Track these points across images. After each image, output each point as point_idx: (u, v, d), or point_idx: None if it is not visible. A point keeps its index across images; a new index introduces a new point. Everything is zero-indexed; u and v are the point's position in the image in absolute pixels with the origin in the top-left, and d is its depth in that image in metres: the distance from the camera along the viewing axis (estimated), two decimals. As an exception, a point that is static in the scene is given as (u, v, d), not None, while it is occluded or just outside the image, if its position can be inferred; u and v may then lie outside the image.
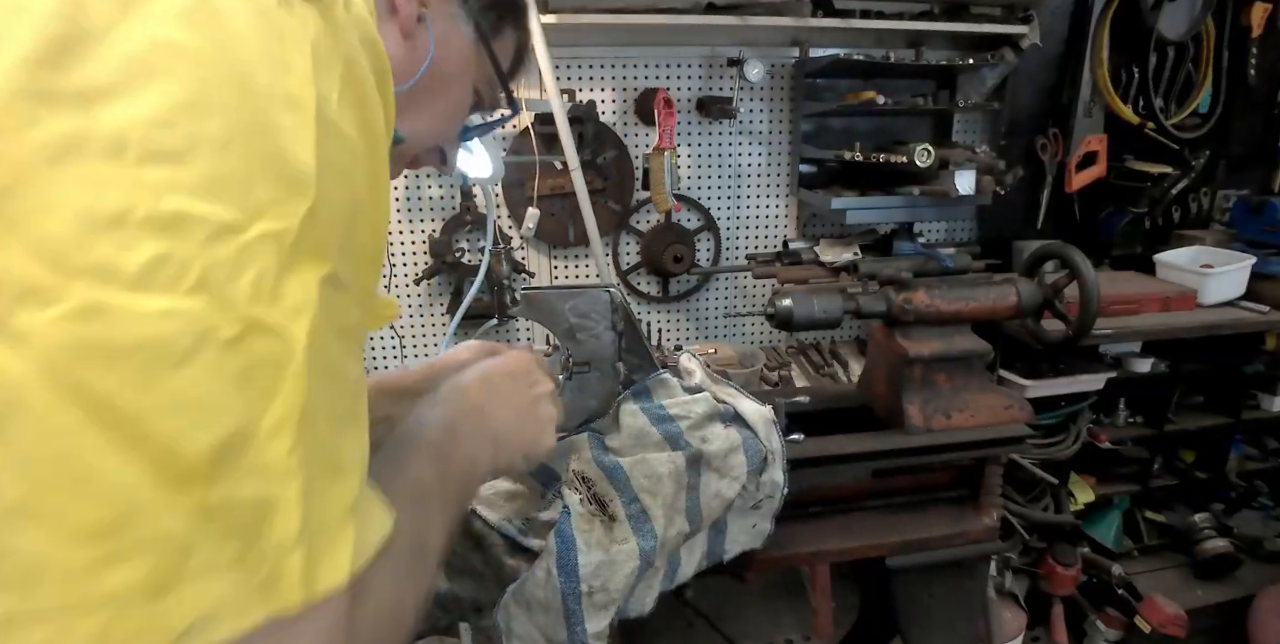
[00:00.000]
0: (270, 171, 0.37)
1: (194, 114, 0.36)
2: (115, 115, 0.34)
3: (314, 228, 0.39)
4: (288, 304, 0.37)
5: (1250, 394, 2.41)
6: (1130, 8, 2.26)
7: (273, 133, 0.38)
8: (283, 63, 0.40)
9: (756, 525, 1.03)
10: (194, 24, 0.38)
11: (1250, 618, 2.25)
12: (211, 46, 0.38)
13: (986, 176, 1.94)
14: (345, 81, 0.43)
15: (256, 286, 0.35)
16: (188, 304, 0.33)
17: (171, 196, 0.34)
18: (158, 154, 0.34)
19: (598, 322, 0.99)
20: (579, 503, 0.89)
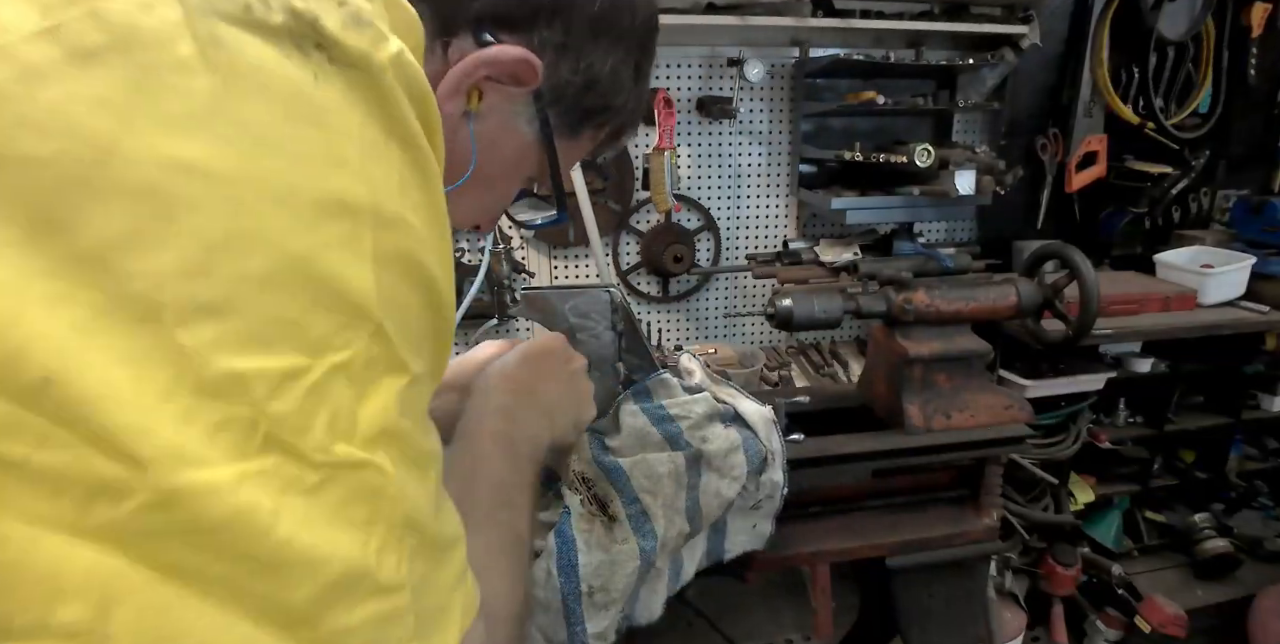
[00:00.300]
0: (326, 301, 0.33)
1: (232, 253, 0.30)
2: (139, 271, 0.29)
3: (384, 344, 0.36)
4: (368, 433, 0.35)
5: (1250, 394, 2.41)
6: (1130, 8, 2.26)
7: (325, 254, 0.33)
8: (330, 156, 0.34)
9: (757, 526, 1.03)
10: (213, 129, 0.31)
11: (1250, 618, 2.25)
12: (239, 157, 0.31)
13: (986, 176, 1.94)
14: (406, 159, 0.38)
15: (331, 426, 0.33)
16: (261, 465, 0.31)
17: (220, 357, 0.30)
18: (197, 310, 0.30)
19: (598, 321, 0.99)
20: (579, 503, 0.89)
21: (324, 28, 0.34)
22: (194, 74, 0.30)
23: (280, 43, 0.33)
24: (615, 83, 0.62)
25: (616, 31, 0.60)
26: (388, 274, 0.36)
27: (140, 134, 0.29)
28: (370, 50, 0.36)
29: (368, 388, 0.35)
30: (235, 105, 0.31)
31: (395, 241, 0.36)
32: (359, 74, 0.35)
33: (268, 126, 0.32)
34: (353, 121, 0.35)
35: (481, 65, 0.53)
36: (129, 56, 0.29)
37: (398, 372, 0.37)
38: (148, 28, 0.30)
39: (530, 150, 0.61)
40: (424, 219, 0.38)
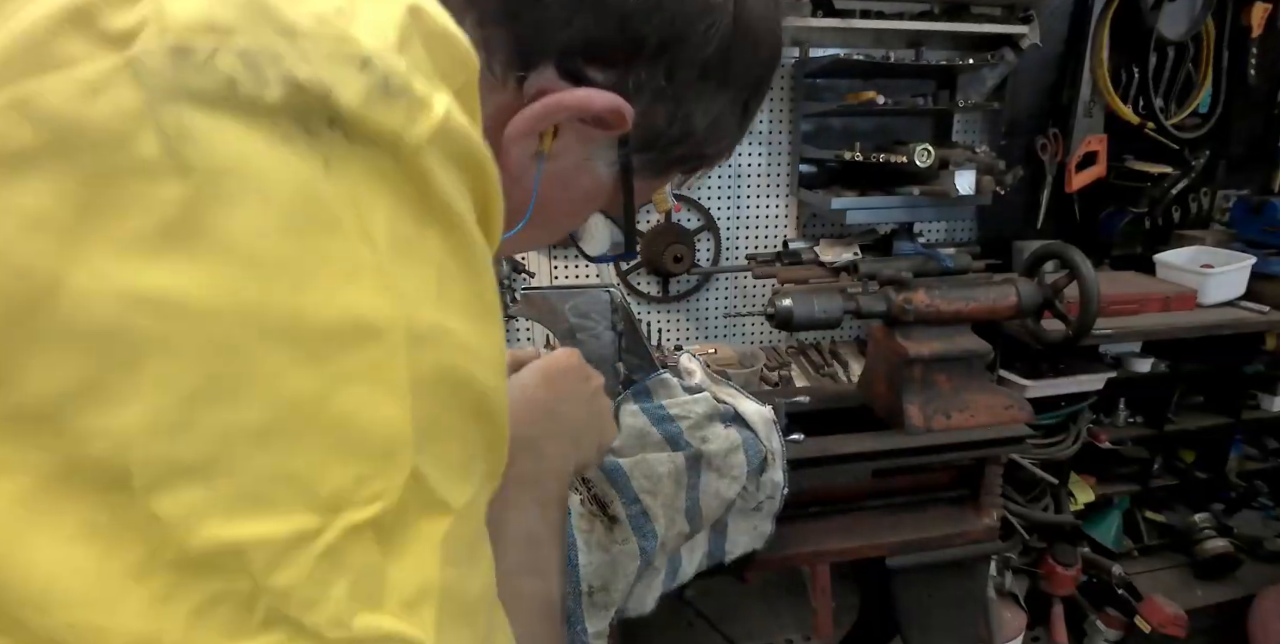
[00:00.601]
0: (344, 447, 0.27)
1: (216, 402, 0.24)
2: (99, 430, 0.23)
3: (422, 488, 0.29)
4: (404, 596, 0.28)
5: (1250, 394, 2.41)
6: (1130, 8, 2.26)
7: (340, 391, 0.26)
8: (344, 269, 0.26)
9: (757, 527, 1.03)
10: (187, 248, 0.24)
11: (1250, 618, 2.25)
12: (222, 284, 0.24)
13: (986, 176, 1.95)
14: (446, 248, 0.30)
15: (353, 595, 0.27)
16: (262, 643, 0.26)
17: (206, 525, 0.24)
18: (172, 472, 0.24)
19: (598, 321, 0.99)
20: (579, 504, 0.89)
21: (339, 104, 0.26)
22: (158, 180, 0.24)
23: (276, 125, 0.25)
24: (716, 130, 0.52)
25: (730, 74, 0.49)
26: (426, 401, 0.29)
27: (91, 262, 0.23)
28: (404, 126, 0.27)
29: (401, 542, 0.29)
30: (214, 217, 0.24)
31: (435, 358, 0.29)
32: (388, 155, 0.27)
33: (259, 240, 0.25)
34: (376, 217, 0.27)
35: (562, 109, 0.44)
36: (72, 160, 0.23)
37: (438, 513, 0.30)
38: (96, 120, 0.23)
39: (604, 190, 0.52)
40: (468, 318, 0.31)
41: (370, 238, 0.27)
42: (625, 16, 0.43)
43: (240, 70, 0.24)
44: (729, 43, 0.47)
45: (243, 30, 0.25)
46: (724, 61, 0.48)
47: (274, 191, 0.25)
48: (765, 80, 0.54)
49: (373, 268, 0.27)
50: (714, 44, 0.46)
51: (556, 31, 0.43)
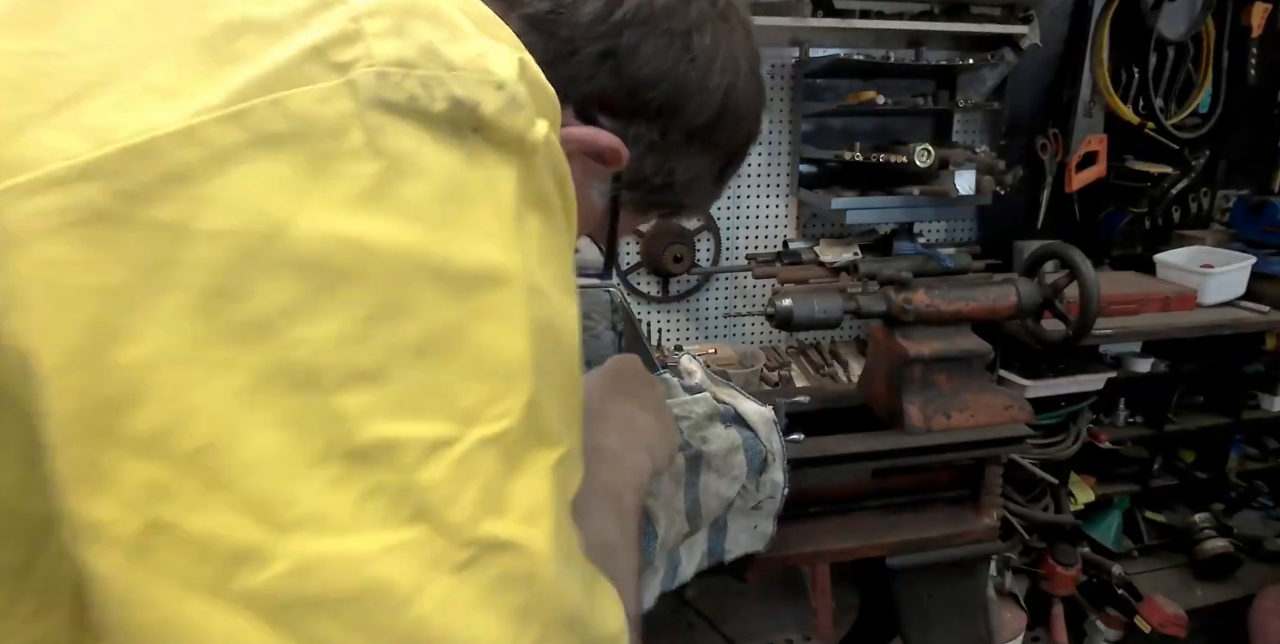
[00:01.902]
0: (480, 370, 0.33)
1: (388, 322, 0.32)
2: (302, 339, 0.30)
3: (537, 417, 0.35)
4: (521, 510, 0.33)
5: (1250, 394, 2.41)
6: (1130, 8, 2.26)
7: (477, 323, 0.34)
8: (481, 232, 0.35)
9: (758, 527, 1.03)
10: (377, 207, 0.32)
11: (1250, 618, 2.25)
12: (399, 234, 0.32)
13: (986, 176, 1.95)
14: (542, 234, 0.38)
15: (482, 501, 0.32)
16: (407, 536, 0.31)
17: (373, 423, 0.31)
18: (352, 376, 0.31)
19: (598, 321, 0.99)
20: (579, 503, 0.89)
21: (483, 113, 0.35)
22: (362, 160, 0.32)
23: (439, 128, 0.34)
24: (693, 185, 0.63)
25: (712, 142, 0.61)
26: (540, 344, 0.35)
27: (311, 212, 0.31)
28: (524, 132, 0.37)
29: (520, 463, 0.34)
30: (396, 187, 0.33)
31: (543, 312, 0.36)
32: (512, 152, 0.37)
33: (424, 205, 0.33)
34: (503, 196, 0.36)
35: (572, 141, 0.53)
36: (307, 144, 0.31)
37: (551, 445, 0.36)
38: (324, 118, 0.32)
39: (594, 216, 0.62)
40: (560, 291, 0.39)
41: (499, 212, 0.35)
42: (636, 83, 0.54)
43: (419, 90, 0.34)
44: (716, 117, 0.59)
45: (422, 65, 0.34)
46: (709, 131, 0.59)
47: (436, 173, 0.34)
48: (743, 152, 0.66)
49: (501, 232, 0.35)
50: (704, 116, 0.58)
51: (580, 84, 0.54)
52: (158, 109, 0.31)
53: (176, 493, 0.29)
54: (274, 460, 0.29)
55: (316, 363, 0.30)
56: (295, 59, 0.32)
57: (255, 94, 0.31)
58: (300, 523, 0.29)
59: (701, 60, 0.56)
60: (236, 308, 0.30)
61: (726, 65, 0.58)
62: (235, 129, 0.31)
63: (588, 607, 0.37)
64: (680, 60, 0.55)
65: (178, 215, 0.29)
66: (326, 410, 0.30)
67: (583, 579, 0.38)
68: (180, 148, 0.30)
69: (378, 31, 0.34)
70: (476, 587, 0.32)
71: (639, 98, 0.55)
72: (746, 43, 0.60)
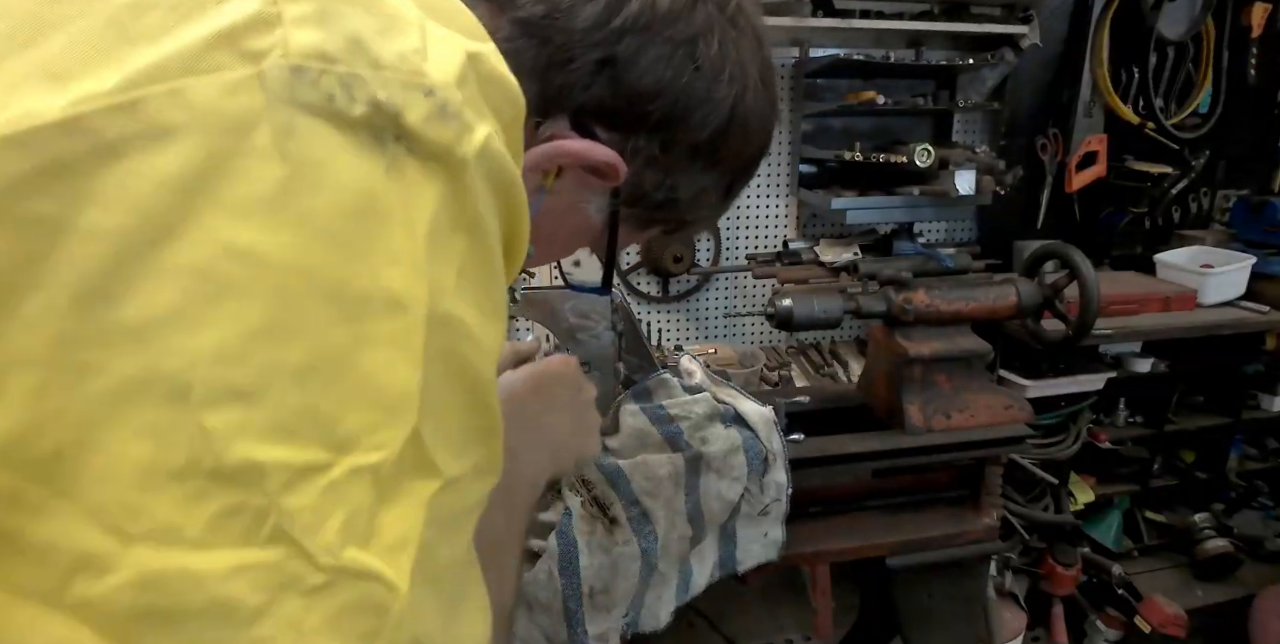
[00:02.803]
0: (362, 398, 0.32)
1: (271, 341, 0.30)
2: (177, 349, 0.28)
3: (419, 448, 0.34)
4: (386, 542, 0.32)
5: (1250, 394, 2.41)
6: (1130, 8, 2.26)
7: (367, 350, 0.32)
8: (387, 254, 0.32)
9: (768, 534, 1.03)
10: (276, 217, 0.30)
11: (1250, 618, 2.25)
12: (296, 248, 0.30)
13: (986, 176, 1.95)
14: (467, 256, 0.36)
15: (346, 529, 0.31)
16: (262, 557, 0.29)
17: (241, 443, 0.29)
18: (225, 393, 0.29)
19: (598, 322, 0.99)
20: (580, 505, 0.89)
21: (405, 121, 0.33)
22: (266, 162, 0.30)
23: (357, 134, 0.32)
24: (697, 202, 0.60)
25: (717, 157, 0.57)
26: (433, 374, 0.34)
27: (203, 216, 0.29)
28: (453, 144, 0.34)
29: (393, 493, 0.33)
30: (300, 197, 0.30)
31: (445, 342, 0.34)
32: (439, 166, 0.34)
33: (328, 219, 0.31)
34: (420, 215, 0.33)
35: (565, 155, 0.52)
36: (205, 139, 0.29)
37: (428, 476, 0.35)
38: (228, 112, 0.29)
39: (592, 232, 0.60)
40: (478, 315, 0.36)
41: (413, 232, 0.33)
42: (635, 94, 0.51)
43: (337, 90, 0.31)
44: (723, 131, 0.55)
45: (344, 60, 0.32)
46: (714, 146, 0.56)
47: (347, 184, 0.31)
48: (753, 166, 0.63)
49: (410, 256, 0.33)
50: (708, 130, 0.55)
51: (576, 93, 0.51)
52: (42, 93, 0.28)
53: (21, 500, 0.27)
54: (130, 470, 0.28)
55: (189, 376, 0.28)
56: (203, 43, 0.30)
57: (153, 80, 0.29)
58: (149, 535, 0.28)
59: (707, 69, 0.53)
60: (110, 311, 0.28)
61: (735, 75, 0.54)
62: (126, 119, 0.28)
63: (443, 631, 0.36)
64: (684, 70, 0.52)
65: (55, 210, 0.27)
66: (192, 426, 0.28)
67: (447, 602, 0.37)
68: (63, 138, 0.28)
69: (298, 17, 0.31)
70: (325, 611, 0.31)
71: (639, 109, 0.52)
72: (758, 51, 0.57)
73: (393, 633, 0.33)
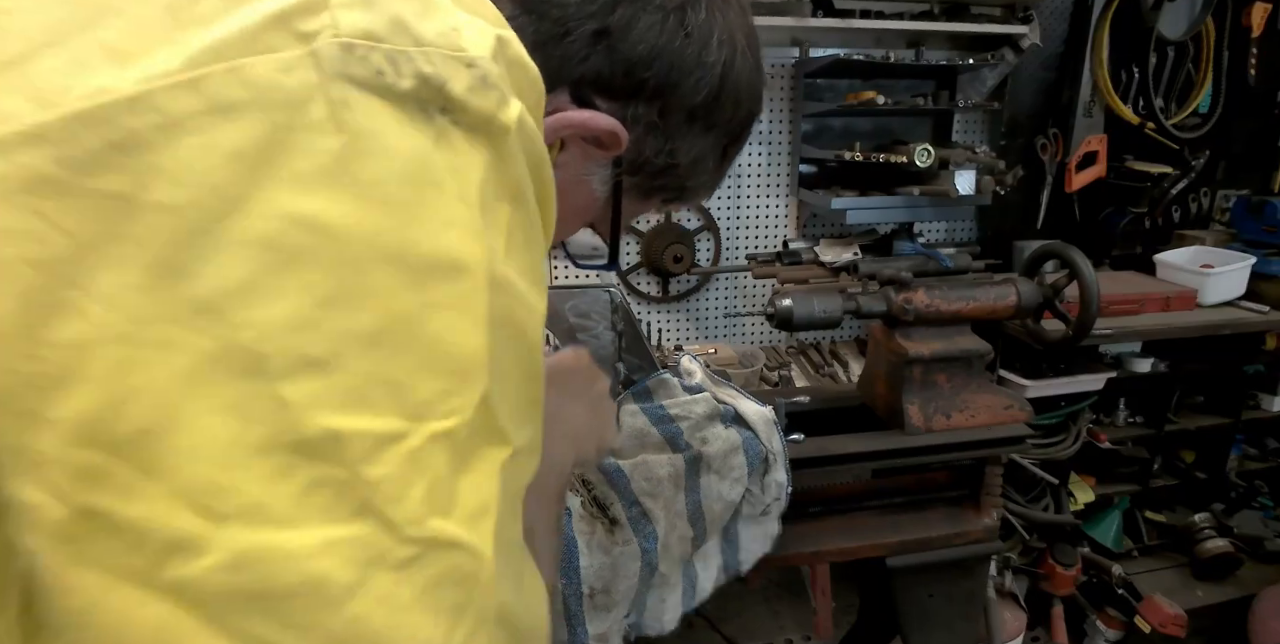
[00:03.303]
0: (434, 363, 0.32)
1: (341, 308, 0.30)
2: (250, 321, 0.29)
3: (490, 414, 0.34)
4: (467, 510, 0.33)
5: (1250, 394, 2.40)
6: (1130, 8, 2.26)
7: (434, 314, 0.32)
8: (444, 218, 0.33)
9: (768, 531, 1.03)
10: (337, 186, 0.31)
11: (1250, 618, 2.25)
12: (358, 215, 0.31)
13: (986, 176, 1.94)
14: (513, 223, 0.37)
15: (429, 499, 0.31)
16: (350, 532, 0.30)
17: (320, 414, 0.29)
18: (300, 363, 0.29)
19: (598, 322, 0.99)
20: (580, 506, 0.89)
21: (451, 92, 0.34)
22: (324, 134, 0.31)
23: (406, 106, 0.33)
24: (696, 167, 0.62)
25: (712, 121, 0.60)
26: (497, 338, 0.34)
27: (268, 188, 0.30)
28: (495, 112, 0.36)
29: (469, 460, 0.33)
30: (358, 166, 0.31)
31: (505, 304, 0.35)
32: (482, 136, 0.35)
33: (386, 186, 0.32)
34: (470, 182, 0.34)
35: (568, 126, 0.53)
36: (266, 114, 0.30)
37: (500, 443, 0.35)
38: (286, 88, 0.31)
39: (596, 203, 0.61)
40: (527, 282, 0.37)
41: (465, 198, 0.34)
42: (631, 62, 0.53)
43: (385, 65, 0.33)
44: (715, 95, 0.58)
45: (389, 39, 0.33)
46: (709, 110, 0.58)
47: (401, 153, 0.33)
48: (745, 131, 0.65)
49: (466, 220, 0.34)
50: (702, 94, 0.57)
51: (574, 65, 0.53)
52: (110, 72, 0.29)
53: (109, 479, 0.27)
54: (215, 448, 0.28)
55: (265, 348, 0.29)
56: (258, 25, 0.31)
57: (213, 60, 0.30)
58: (239, 514, 0.28)
59: (697, 36, 0.55)
60: (183, 286, 0.28)
61: (724, 40, 0.56)
62: (191, 96, 0.29)
63: (519, 601, 0.37)
64: (675, 36, 0.54)
65: (126, 186, 0.28)
66: (273, 398, 0.29)
67: (516, 573, 0.37)
68: (131, 115, 0.28)
69: (345, 1, 0.33)
70: (415, 585, 0.31)
71: (635, 77, 0.54)
72: (742, 18, 0.59)
73: (481, 602, 0.33)
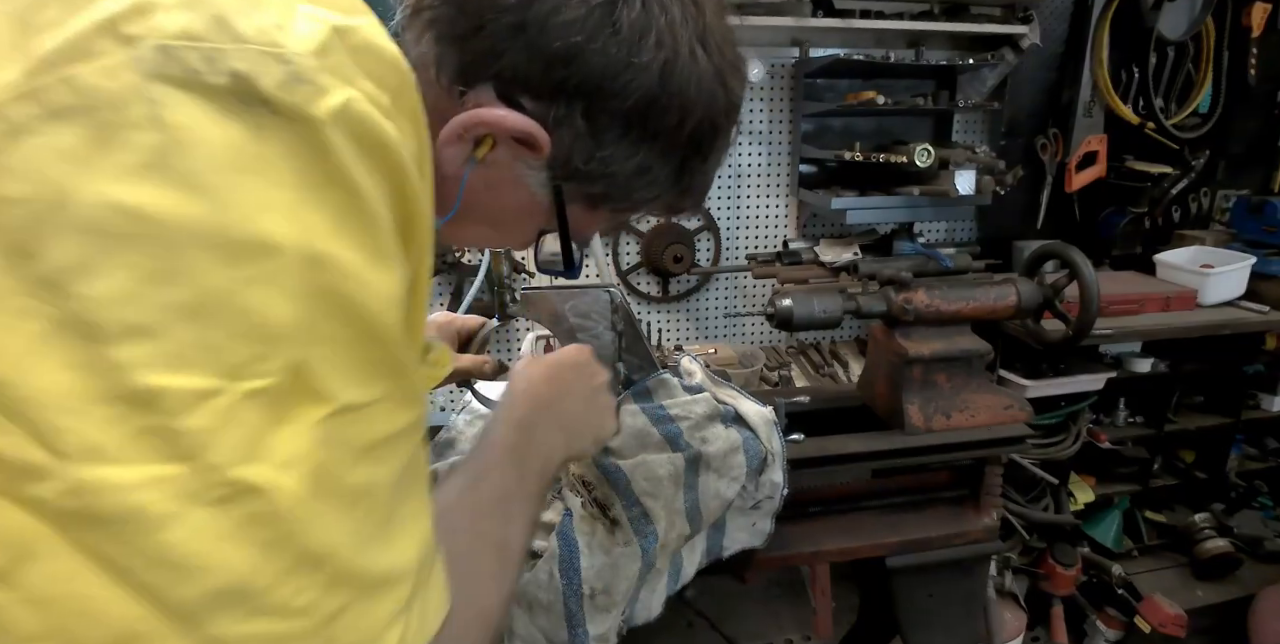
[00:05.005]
0: (245, 331, 0.37)
1: (161, 284, 0.35)
2: (85, 295, 0.34)
3: (305, 376, 0.38)
4: (277, 459, 0.37)
5: (1250, 394, 2.41)
6: (1130, 8, 2.26)
7: (247, 289, 0.37)
8: (259, 203, 0.37)
9: (756, 524, 1.03)
10: (156, 177, 0.35)
11: (1250, 618, 2.25)
12: (177, 203, 0.35)
13: (986, 176, 1.95)
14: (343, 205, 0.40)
15: (240, 447, 0.36)
16: (170, 471, 0.35)
17: (145, 373, 0.35)
18: (127, 330, 0.35)
19: (598, 321, 0.99)
20: (580, 506, 0.89)
21: (261, 87, 0.37)
22: (143, 131, 0.35)
23: (223, 101, 0.37)
24: (642, 180, 0.58)
25: (652, 129, 0.55)
26: (312, 308, 0.38)
27: (93, 181, 0.34)
28: (303, 106, 0.38)
29: (283, 416, 0.38)
30: (176, 158, 0.36)
31: (325, 280, 0.39)
32: (300, 126, 0.38)
33: (203, 176, 0.36)
34: (289, 170, 0.38)
35: (481, 123, 0.52)
36: (92, 116, 0.35)
37: (317, 402, 0.39)
38: (109, 91, 0.35)
39: (539, 208, 0.59)
40: (365, 259, 0.40)
41: (282, 183, 0.38)
42: (548, 59, 0.51)
43: (201, 64, 0.36)
44: (652, 100, 0.53)
45: (208, 37, 0.37)
46: (645, 117, 0.54)
47: (216, 144, 0.36)
48: (706, 143, 0.60)
49: (282, 204, 0.38)
50: (632, 99, 0.53)
51: (492, 61, 0.51)
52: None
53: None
54: (60, 396, 0.34)
55: (98, 317, 0.34)
56: (89, 32, 0.36)
57: (50, 69, 0.35)
58: (78, 452, 0.34)
59: (627, 34, 0.51)
60: (32, 265, 0.34)
61: (662, 40, 0.52)
62: (31, 105, 0.35)
63: (351, 544, 0.40)
64: (598, 33, 0.50)
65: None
66: (106, 359, 0.34)
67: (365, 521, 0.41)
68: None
69: (171, 2, 0.37)
70: (228, 521, 0.36)
71: (555, 75, 0.51)
72: (696, 18, 0.55)
73: (290, 541, 0.38)
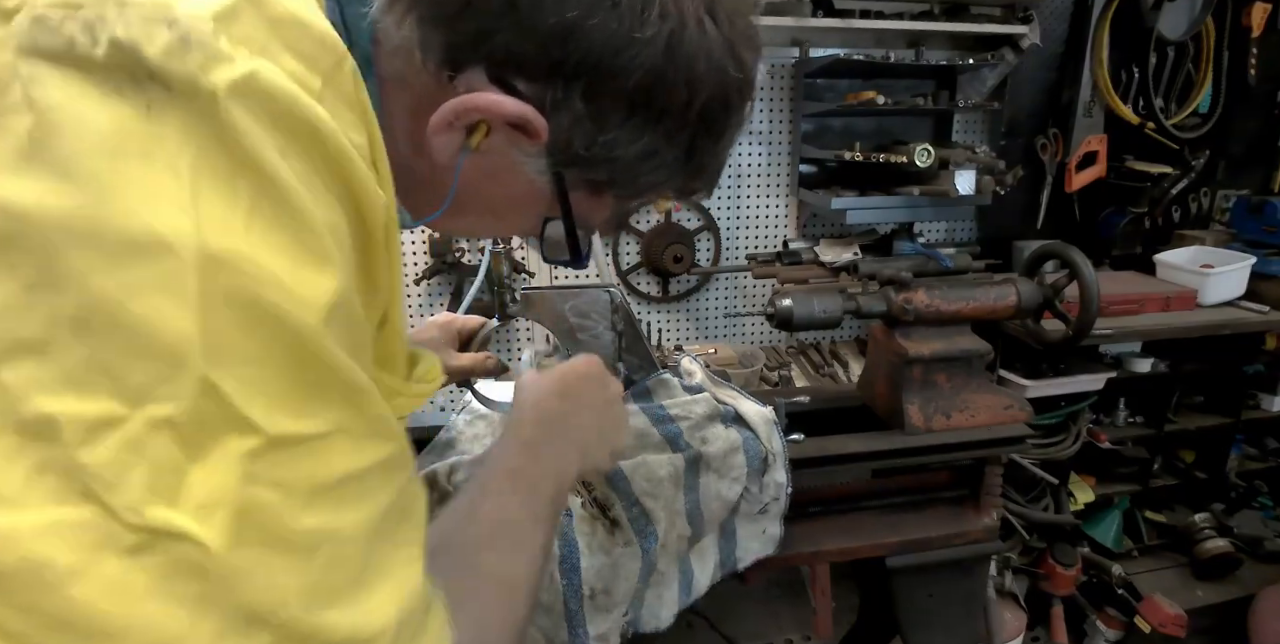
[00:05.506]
0: (140, 347, 0.31)
1: (45, 292, 0.30)
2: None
3: (221, 401, 0.32)
4: (195, 500, 0.31)
5: (1250, 394, 2.41)
6: (1130, 8, 2.26)
7: (135, 296, 0.31)
8: (145, 193, 0.31)
9: (766, 531, 1.03)
10: (31, 166, 0.30)
11: (1250, 618, 2.25)
12: (52, 195, 0.30)
13: (986, 176, 1.95)
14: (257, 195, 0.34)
15: (151, 486, 0.30)
16: (75, 515, 0.29)
17: (37, 397, 0.30)
18: (16, 346, 0.30)
19: (598, 321, 0.99)
20: (580, 506, 0.89)
21: (145, 55, 0.32)
22: (18, 114, 0.31)
23: (107, 76, 0.32)
24: (650, 163, 0.53)
25: (658, 108, 0.50)
26: (220, 320, 0.32)
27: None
28: (196, 74, 0.32)
29: (202, 449, 0.32)
30: (51, 143, 0.31)
31: (233, 282, 0.32)
32: (195, 102, 0.33)
33: (80, 163, 0.31)
34: (184, 154, 0.32)
35: (473, 109, 0.47)
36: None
37: (243, 432, 0.32)
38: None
39: (540, 197, 0.54)
40: (286, 260, 0.34)
41: (176, 170, 0.32)
42: (543, 37, 0.45)
43: (78, 33, 0.32)
44: (657, 77, 0.48)
45: (88, 4, 0.32)
46: (650, 95, 0.49)
47: (92, 126, 0.31)
48: (718, 121, 0.54)
49: (173, 193, 0.32)
50: (635, 77, 0.47)
51: (482, 42, 0.46)
52: None
53: None
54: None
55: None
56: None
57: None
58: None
59: (626, 6, 0.46)
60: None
61: (666, 12, 0.47)
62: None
63: (300, 601, 0.34)
64: (596, 8, 0.45)
65: None
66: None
67: (328, 572, 0.35)
68: None
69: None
70: (149, 573, 0.30)
71: (551, 54, 0.46)
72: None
73: (222, 596, 0.31)
